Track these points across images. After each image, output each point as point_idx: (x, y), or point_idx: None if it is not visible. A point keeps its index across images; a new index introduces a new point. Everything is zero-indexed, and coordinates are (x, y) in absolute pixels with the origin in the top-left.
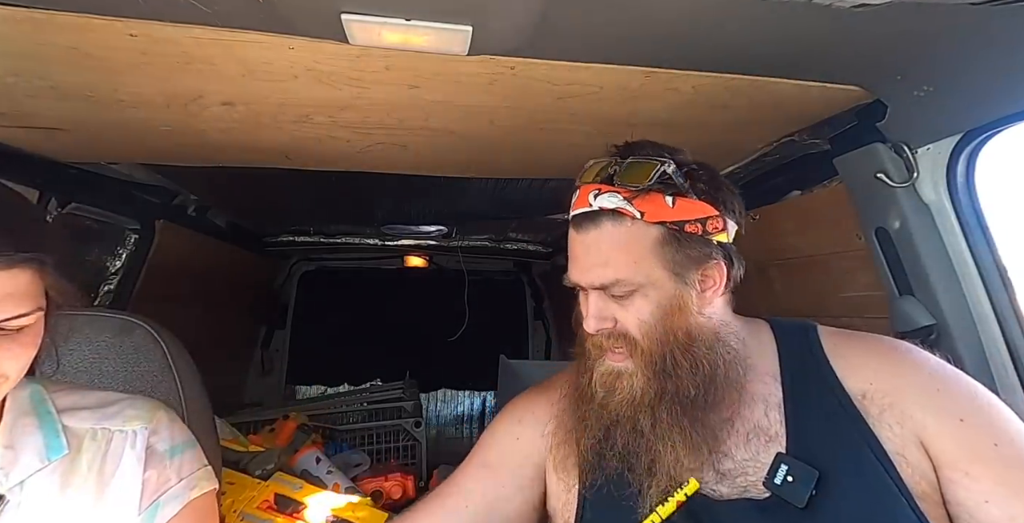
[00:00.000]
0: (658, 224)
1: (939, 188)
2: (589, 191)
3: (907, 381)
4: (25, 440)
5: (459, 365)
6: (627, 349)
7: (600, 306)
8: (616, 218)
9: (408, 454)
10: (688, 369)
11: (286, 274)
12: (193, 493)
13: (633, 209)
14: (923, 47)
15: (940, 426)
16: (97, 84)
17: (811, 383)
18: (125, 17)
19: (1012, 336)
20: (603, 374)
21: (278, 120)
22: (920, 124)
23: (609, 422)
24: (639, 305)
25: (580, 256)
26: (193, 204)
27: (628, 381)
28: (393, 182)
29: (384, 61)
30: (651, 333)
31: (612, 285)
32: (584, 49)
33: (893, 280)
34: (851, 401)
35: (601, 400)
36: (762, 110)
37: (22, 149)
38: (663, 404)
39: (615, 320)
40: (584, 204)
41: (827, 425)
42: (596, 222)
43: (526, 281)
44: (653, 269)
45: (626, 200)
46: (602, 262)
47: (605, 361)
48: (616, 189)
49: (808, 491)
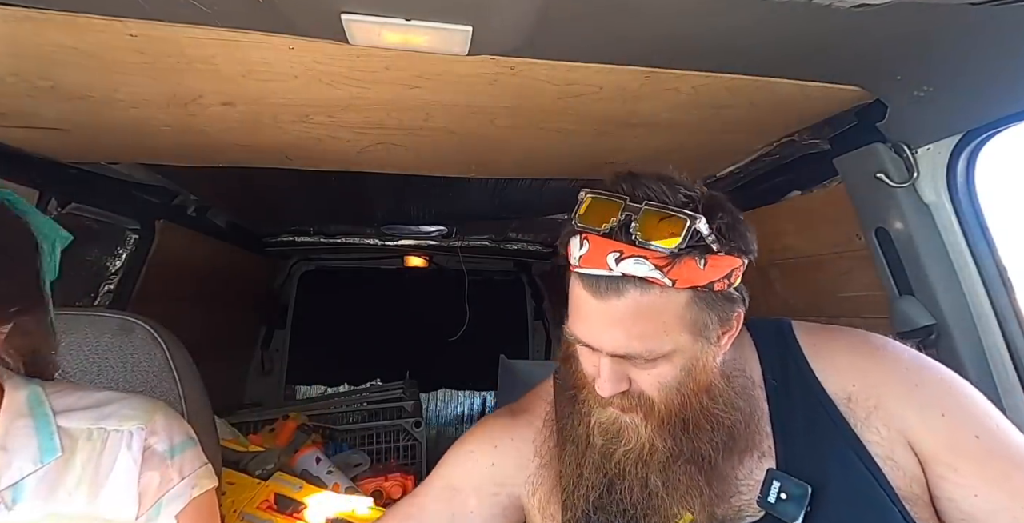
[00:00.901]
0: (688, 289)
1: (939, 188)
2: (606, 250)
3: (887, 379)
4: (20, 442)
5: (459, 365)
6: (638, 407)
7: (616, 370)
8: (644, 286)
9: (408, 454)
10: (709, 431)
11: (286, 274)
12: (195, 491)
13: (665, 278)
14: (923, 47)
15: (923, 422)
16: (97, 84)
17: (794, 389)
18: (125, 17)
19: (1012, 336)
20: (604, 422)
21: (278, 120)
22: (920, 124)
23: (613, 475)
24: (661, 371)
25: (595, 321)
26: (193, 204)
27: (635, 433)
28: (393, 182)
29: (384, 61)
30: (671, 397)
31: (636, 356)
32: (584, 49)
33: (893, 280)
34: (835, 407)
35: (601, 449)
36: (762, 110)
37: (22, 149)
38: (678, 465)
39: (631, 381)
40: (600, 265)
41: (814, 436)
42: (619, 290)
43: (526, 281)
44: (679, 336)
45: (657, 269)
46: (627, 333)
47: (607, 409)
48: (643, 253)
49: (802, 509)
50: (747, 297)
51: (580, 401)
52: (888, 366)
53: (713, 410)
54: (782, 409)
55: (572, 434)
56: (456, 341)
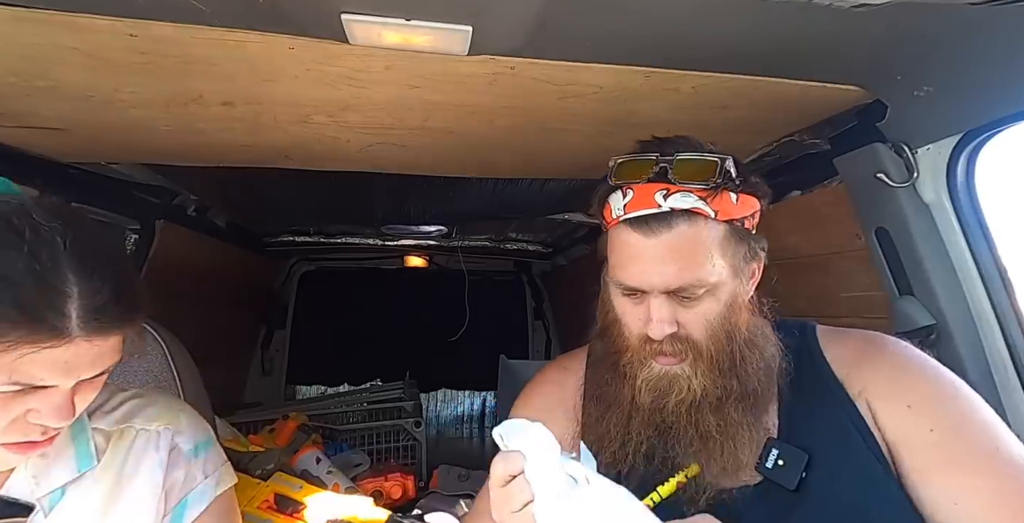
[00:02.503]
0: (726, 222)
1: (939, 188)
2: (654, 190)
3: (876, 372)
4: (57, 450)
5: (459, 365)
6: (687, 352)
7: (668, 309)
8: (690, 218)
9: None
10: (754, 363)
11: (286, 274)
12: (218, 490)
13: (709, 208)
14: (923, 47)
15: (887, 410)
16: (97, 84)
17: (806, 374)
18: (125, 17)
19: (1012, 336)
20: (651, 379)
21: (278, 120)
22: (920, 124)
23: (664, 428)
24: (707, 306)
25: (646, 260)
26: (193, 204)
27: (685, 382)
28: (393, 182)
29: (384, 61)
30: (716, 334)
31: (687, 287)
32: (584, 49)
33: (893, 280)
34: (842, 387)
35: (651, 406)
36: (762, 110)
37: (22, 149)
38: (730, 402)
39: (678, 324)
40: (650, 204)
41: (817, 410)
42: (669, 223)
43: (526, 281)
44: (723, 268)
45: (701, 200)
46: (678, 265)
47: (652, 365)
48: (688, 188)
49: (798, 474)
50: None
51: (624, 364)
52: (879, 360)
53: (754, 342)
54: (792, 392)
55: (615, 398)
56: (456, 341)
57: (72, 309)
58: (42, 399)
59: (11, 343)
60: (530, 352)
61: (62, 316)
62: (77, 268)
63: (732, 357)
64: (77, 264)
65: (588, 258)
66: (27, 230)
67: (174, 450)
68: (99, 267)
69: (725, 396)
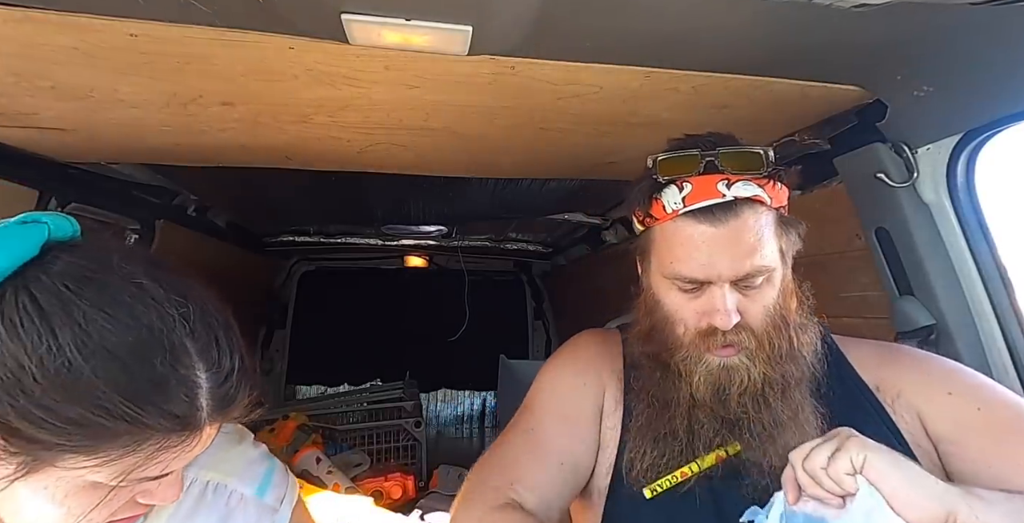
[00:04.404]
0: (777, 209)
1: (939, 188)
2: (715, 181)
3: (906, 370)
4: None
5: (459, 365)
6: (748, 340)
7: (733, 298)
8: (753, 206)
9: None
10: (808, 346)
11: (286, 274)
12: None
13: (767, 195)
14: (923, 47)
15: (931, 403)
16: (97, 84)
17: (833, 378)
18: (125, 17)
19: (1012, 336)
20: (710, 373)
21: (278, 120)
22: (920, 124)
23: (732, 420)
24: (766, 293)
25: (711, 250)
26: (193, 204)
27: (744, 373)
28: (393, 182)
29: (384, 61)
30: (774, 320)
31: (755, 274)
32: (584, 49)
33: (893, 280)
34: (872, 393)
35: (712, 399)
36: (762, 110)
37: (22, 149)
38: (794, 387)
39: (740, 313)
40: (713, 195)
41: (854, 412)
42: (735, 212)
43: (526, 281)
44: (777, 254)
45: (761, 188)
46: (746, 252)
47: (709, 359)
48: (749, 178)
49: None
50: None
51: (678, 362)
52: (904, 361)
53: (806, 328)
54: (824, 393)
55: (672, 397)
56: (456, 341)
57: (203, 400)
58: (157, 482)
59: (143, 445)
60: (530, 352)
61: (196, 410)
62: (201, 349)
63: (790, 342)
64: (200, 344)
65: (588, 258)
66: (151, 310)
67: (243, 500)
68: (219, 340)
69: (787, 381)
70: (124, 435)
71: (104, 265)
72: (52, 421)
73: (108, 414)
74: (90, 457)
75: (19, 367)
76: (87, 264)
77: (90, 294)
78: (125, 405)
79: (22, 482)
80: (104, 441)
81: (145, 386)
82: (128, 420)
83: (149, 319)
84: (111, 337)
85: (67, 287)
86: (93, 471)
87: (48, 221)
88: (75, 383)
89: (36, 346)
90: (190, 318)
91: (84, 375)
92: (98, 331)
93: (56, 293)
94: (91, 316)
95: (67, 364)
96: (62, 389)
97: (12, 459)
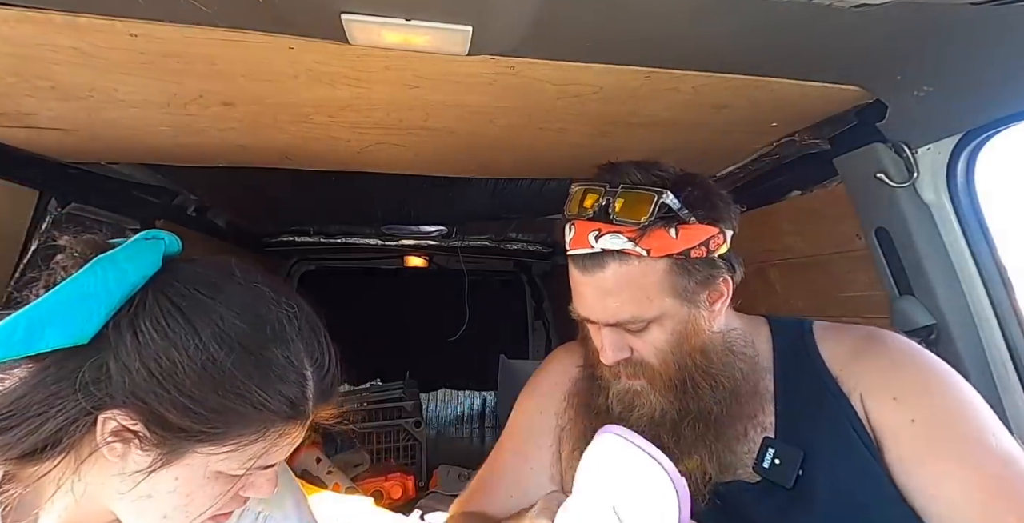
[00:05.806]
0: (664, 257)
1: (939, 188)
2: (587, 231)
3: (868, 368)
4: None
5: (459, 365)
6: (645, 375)
7: (615, 339)
8: (622, 258)
9: (408, 454)
10: (709, 389)
11: (286, 274)
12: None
13: (639, 248)
14: (923, 47)
15: (876, 402)
16: (97, 84)
17: (802, 372)
18: (125, 17)
19: (1012, 336)
20: (620, 392)
21: (278, 120)
22: (920, 124)
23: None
24: (655, 336)
25: (588, 295)
26: (193, 204)
27: (647, 399)
28: (393, 182)
29: (384, 61)
30: (668, 360)
31: (629, 322)
32: (584, 49)
33: (893, 280)
34: (837, 384)
35: (619, 416)
36: (762, 110)
37: (22, 149)
38: (686, 422)
39: (631, 349)
40: (584, 244)
41: (814, 409)
42: (601, 264)
43: (526, 281)
44: (664, 301)
45: (630, 240)
46: (613, 302)
47: (621, 380)
48: (617, 228)
49: (794, 472)
50: (737, 265)
51: (598, 376)
52: (872, 356)
53: (710, 370)
54: (788, 389)
55: (594, 405)
56: (456, 341)
57: (310, 393)
58: (261, 474)
59: (268, 431)
60: (530, 352)
61: (306, 400)
62: (307, 346)
63: (685, 382)
64: (306, 341)
65: None
66: (270, 310)
67: None
68: (321, 340)
69: (681, 416)
70: (255, 422)
71: (226, 272)
72: (198, 410)
73: (244, 401)
74: (225, 444)
75: (170, 362)
76: (211, 272)
77: (221, 297)
78: (257, 392)
79: (157, 474)
80: (238, 428)
81: (270, 376)
82: (258, 407)
83: (270, 318)
84: (243, 333)
85: (199, 291)
86: (224, 458)
87: (165, 237)
88: (217, 374)
89: (185, 344)
90: (299, 317)
91: (225, 367)
92: (232, 328)
93: (192, 297)
94: (225, 316)
95: (212, 359)
96: (209, 380)
97: (153, 450)
